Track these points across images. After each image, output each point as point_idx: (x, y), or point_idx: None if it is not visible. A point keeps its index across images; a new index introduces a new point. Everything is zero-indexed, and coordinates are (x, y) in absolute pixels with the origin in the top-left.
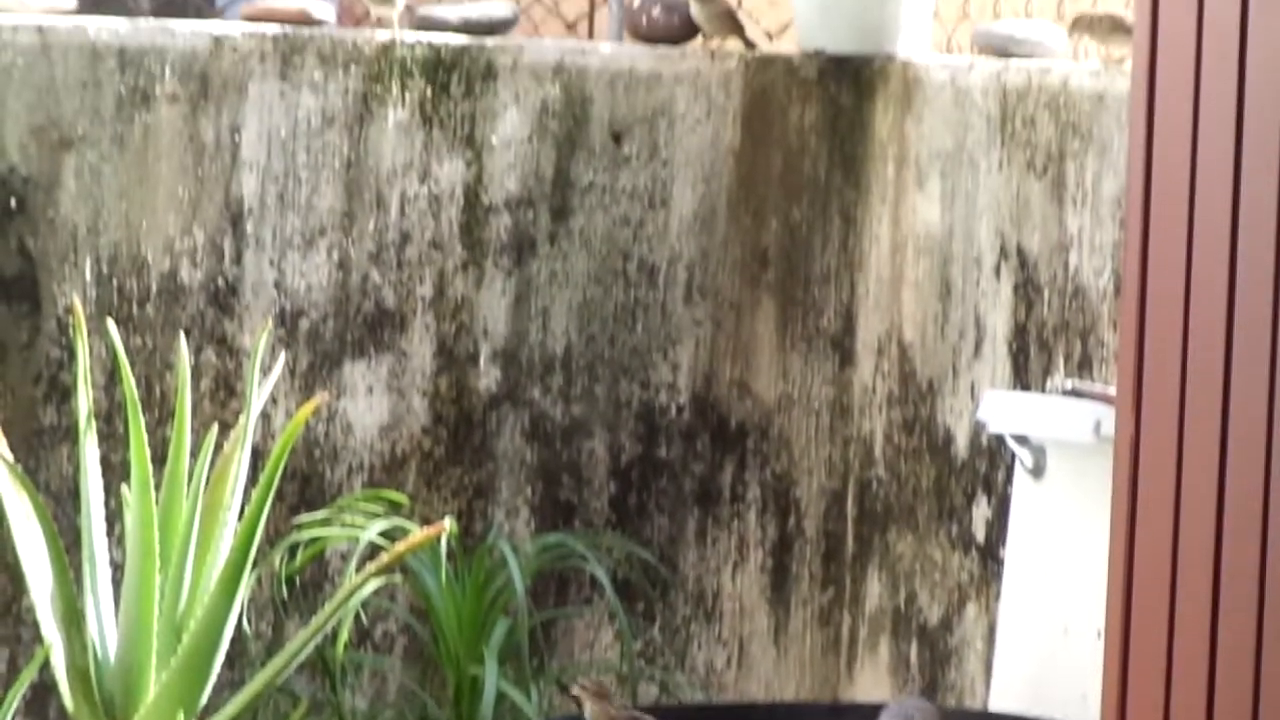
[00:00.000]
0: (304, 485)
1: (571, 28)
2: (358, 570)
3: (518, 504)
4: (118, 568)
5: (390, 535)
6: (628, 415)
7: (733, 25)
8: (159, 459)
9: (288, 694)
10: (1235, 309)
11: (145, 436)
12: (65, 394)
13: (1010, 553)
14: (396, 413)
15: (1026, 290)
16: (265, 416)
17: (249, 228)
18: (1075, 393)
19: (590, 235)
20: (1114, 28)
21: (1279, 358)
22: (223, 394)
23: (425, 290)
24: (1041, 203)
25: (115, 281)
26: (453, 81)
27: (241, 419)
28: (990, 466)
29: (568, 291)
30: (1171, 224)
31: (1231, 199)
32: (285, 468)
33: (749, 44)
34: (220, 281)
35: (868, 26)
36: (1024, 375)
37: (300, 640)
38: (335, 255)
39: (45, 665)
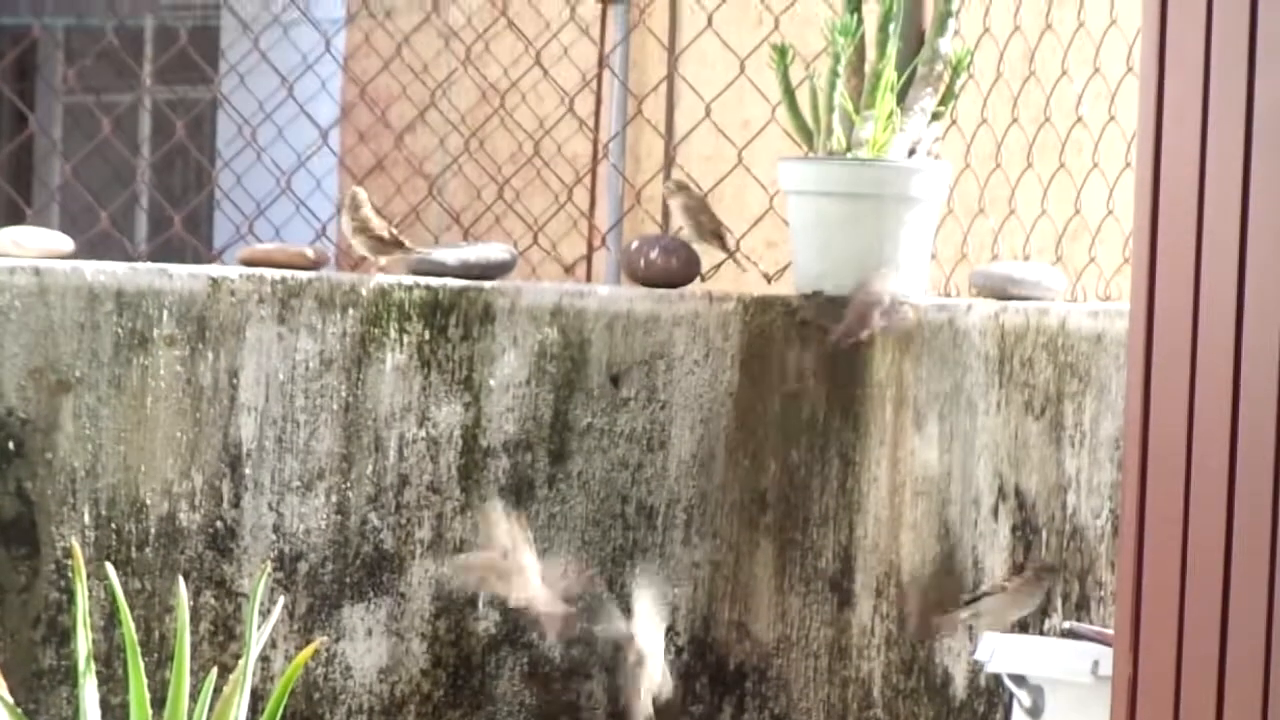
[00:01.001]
0: None
1: (570, 271)
2: None
3: None
4: None
5: None
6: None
7: (710, 222)
8: (158, 701)
9: None
10: (1232, 554)
11: (145, 679)
12: (65, 636)
13: None
14: (395, 655)
15: (1025, 531)
16: (264, 659)
17: (247, 471)
18: (1073, 633)
19: (589, 478)
20: None
21: (1275, 601)
22: (222, 636)
23: (424, 533)
24: (1040, 444)
25: (114, 524)
26: (451, 324)
27: (241, 662)
28: (988, 707)
29: (566, 534)
30: (1169, 468)
31: (1230, 439)
32: (285, 710)
33: (726, 250)
34: (219, 524)
35: (866, 268)
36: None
37: None
38: (334, 498)
39: None
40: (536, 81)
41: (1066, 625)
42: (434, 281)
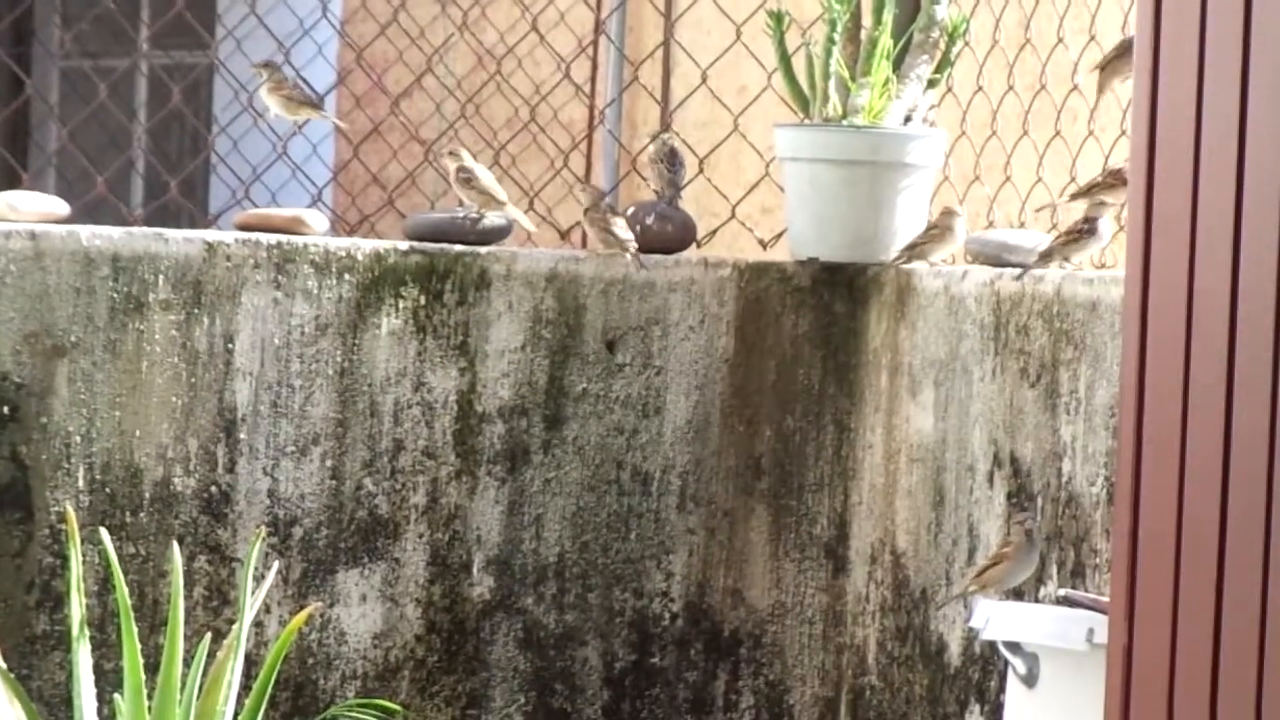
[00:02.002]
0: (297, 693)
1: (565, 236)
2: None
3: (511, 712)
4: None
5: None
6: (621, 623)
7: (605, 233)
8: (152, 666)
9: None
10: (1227, 523)
11: (138, 644)
12: (58, 601)
13: None
14: (390, 621)
15: (1020, 498)
16: (258, 624)
17: (242, 436)
18: (1068, 601)
19: (584, 444)
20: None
21: (1270, 570)
22: (216, 602)
23: (419, 498)
24: (1035, 411)
25: (108, 489)
26: (446, 289)
27: (235, 627)
28: (983, 674)
29: (561, 500)
30: (1164, 433)
31: (1225, 408)
32: (278, 676)
33: (634, 255)
34: (213, 489)
35: (861, 236)
36: None
37: None
38: (329, 463)
39: None
40: (533, 47)
41: (1062, 592)
42: (430, 246)
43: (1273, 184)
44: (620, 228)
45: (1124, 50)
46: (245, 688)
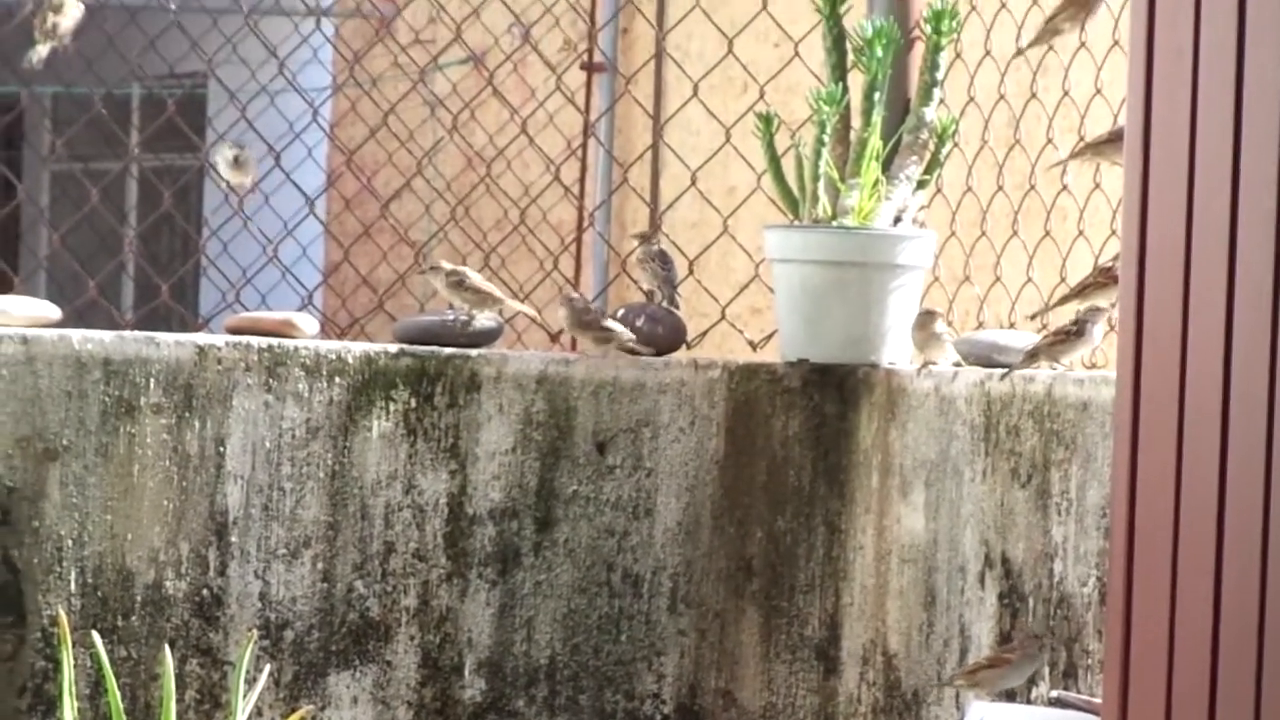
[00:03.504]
0: None
1: (555, 338)
2: None
3: None
4: None
5: None
6: None
7: (599, 330)
8: None
9: None
10: (1220, 624)
11: None
12: (50, 705)
13: None
14: None
15: (1011, 599)
16: None
17: (234, 538)
18: (1061, 702)
19: (575, 545)
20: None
21: (1264, 671)
22: (208, 705)
23: (410, 601)
24: (1026, 511)
25: (100, 592)
26: (437, 392)
27: None
28: None
29: (552, 602)
30: (1156, 533)
31: (1217, 508)
32: None
33: (631, 350)
34: (205, 592)
35: (851, 336)
36: None
37: None
38: (320, 566)
39: None
40: (522, 149)
41: (1054, 694)
42: (420, 349)
43: (1264, 284)
44: (612, 322)
45: (1115, 137)
46: None
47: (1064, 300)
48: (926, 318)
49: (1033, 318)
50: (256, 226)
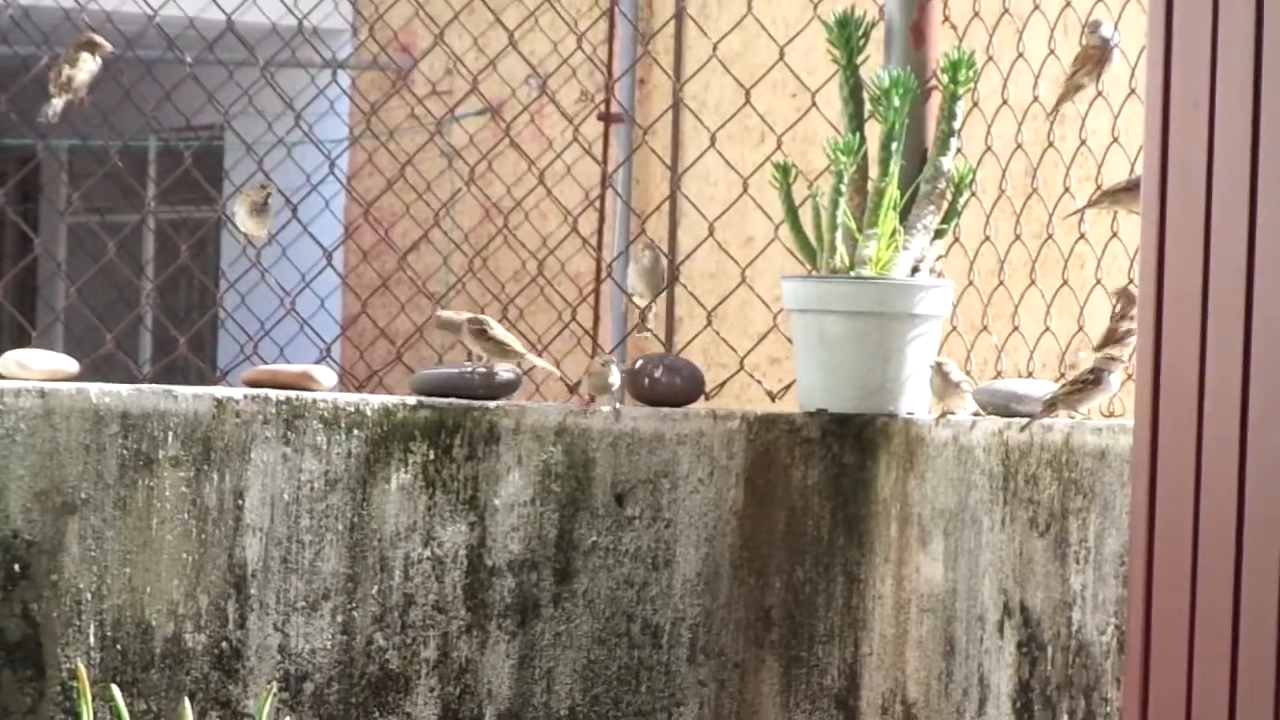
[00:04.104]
0: None
1: (574, 390)
2: None
3: None
4: None
5: None
6: None
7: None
8: None
9: None
10: (1238, 672)
11: None
12: None
13: None
14: None
15: (1030, 647)
16: None
17: (253, 591)
18: None
19: (594, 596)
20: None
21: None
22: None
23: (429, 653)
24: (1044, 560)
25: (119, 645)
26: (455, 444)
27: None
28: None
29: (572, 653)
30: (1175, 581)
31: (1235, 556)
32: None
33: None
34: (224, 645)
35: (870, 386)
36: None
37: None
38: (339, 618)
39: None
40: (540, 200)
41: None
42: (439, 401)
43: None
44: (614, 375)
45: (1132, 185)
46: None
47: (1097, 349)
48: (943, 367)
49: (1063, 365)
50: (274, 279)
